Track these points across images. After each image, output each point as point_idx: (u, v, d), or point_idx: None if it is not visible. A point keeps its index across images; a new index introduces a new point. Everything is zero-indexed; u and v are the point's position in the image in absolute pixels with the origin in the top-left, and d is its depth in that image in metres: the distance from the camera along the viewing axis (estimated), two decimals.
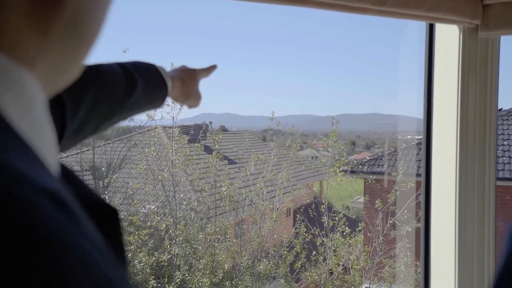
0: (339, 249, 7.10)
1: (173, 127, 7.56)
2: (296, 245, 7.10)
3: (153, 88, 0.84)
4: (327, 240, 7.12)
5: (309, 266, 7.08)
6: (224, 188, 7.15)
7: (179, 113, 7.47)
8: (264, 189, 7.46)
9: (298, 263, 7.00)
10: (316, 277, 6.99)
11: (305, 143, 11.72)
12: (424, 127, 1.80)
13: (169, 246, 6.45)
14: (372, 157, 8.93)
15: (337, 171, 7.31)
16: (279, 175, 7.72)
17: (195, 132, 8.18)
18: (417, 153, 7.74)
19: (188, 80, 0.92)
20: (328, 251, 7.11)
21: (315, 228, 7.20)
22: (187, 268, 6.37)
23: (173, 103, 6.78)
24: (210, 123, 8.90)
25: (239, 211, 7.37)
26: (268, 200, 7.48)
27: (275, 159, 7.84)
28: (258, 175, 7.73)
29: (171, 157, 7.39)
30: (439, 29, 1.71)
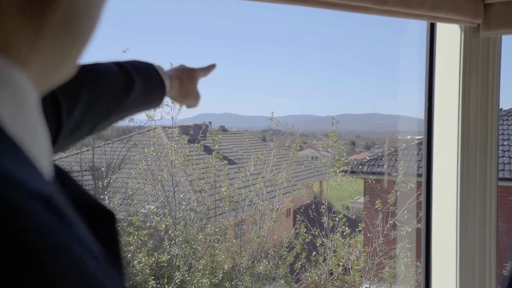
0: (339, 250, 7.10)
1: (172, 127, 7.56)
2: (296, 245, 7.10)
3: (151, 87, 0.82)
4: (327, 240, 7.11)
5: (309, 266, 7.07)
6: (223, 188, 7.14)
7: (179, 113, 7.47)
8: (263, 190, 7.46)
9: (298, 264, 7.00)
10: (316, 278, 6.98)
11: (305, 143, 11.72)
12: (425, 127, 1.79)
13: (168, 246, 6.44)
14: (372, 157, 8.93)
15: (337, 171, 7.30)
16: (278, 175, 7.72)
17: (194, 132, 8.17)
18: (417, 153, 7.74)
19: (186, 79, 0.91)
20: (328, 251, 7.10)
21: (315, 228, 7.20)
22: (187, 268, 6.36)
23: (172, 103, 6.77)
24: (209, 123, 8.90)
25: (239, 211, 7.37)
26: (267, 200, 7.47)
27: (275, 159, 7.83)
28: (257, 175, 7.72)
29: (171, 158, 7.38)
30: (440, 29, 1.70)
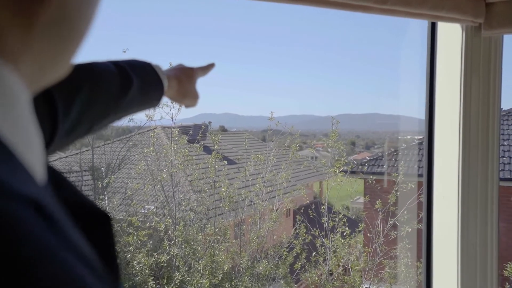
0: (339, 250, 7.09)
1: (172, 127, 7.55)
2: (296, 245, 7.09)
3: (148, 87, 0.81)
4: (327, 241, 7.10)
5: (309, 267, 7.06)
6: (223, 188, 7.13)
7: (178, 113, 7.46)
8: (263, 190, 7.45)
9: (298, 264, 6.99)
10: (316, 278, 6.97)
11: (305, 143, 11.71)
12: (426, 127, 1.78)
13: (168, 247, 6.43)
14: (372, 157, 8.92)
15: (337, 171, 7.29)
16: (278, 176, 7.71)
17: (194, 132, 8.17)
18: (417, 153, 7.73)
19: (185, 79, 0.90)
20: (328, 252, 7.09)
21: (315, 229, 7.19)
22: (187, 269, 6.34)
23: (172, 103, 6.76)
24: (209, 123, 8.89)
25: (239, 211, 7.36)
26: (267, 200, 7.46)
27: (275, 159, 7.82)
28: (257, 175, 7.71)
29: (170, 158, 7.37)
30: (441, 28, 1.69)
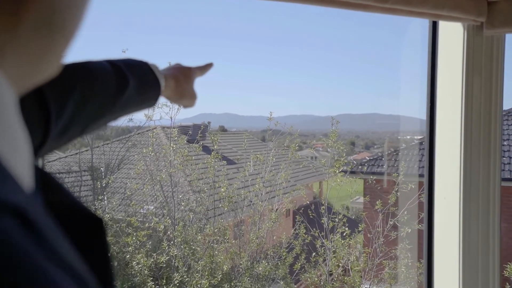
0: (338, 250, 7.07)
1: (171, 128, 7.53)
2: (295, 246, 7.07)
3: (145, 87, 0.80)
4: (327, 241, 7.09)
5: (309, 267, 7.04)
6: (223, 188, 7.12)
7: (178, 113, 7.46)
8: (263, 190, 7.43)
9: (297, 265, 6.97)
10: (315, 279, 6.96)
11: (305, 143, 11.70)
12: (427, 127, 1.77)
13: (167, 247, 6.42)
14: (371, 158, 8.90)
15: (337, 171, 7.28)
16: (278, 176, 7.69)
17: (194, 132, 8.15)
18: (417, 153, 7.72)
19: (182, 78, 0.89)
20: (328, 252, 7.07)
21: (314, 229, 7.17)
22: (186, 269, 6.33)
23: (170, 103, 6.74)
24: (208, 123, 8.88)
25: (238, 212, 7.34)
26: (267, 201, 7.45)
27: (274, 159, 7.81)
28: (257, 175, 7.70)
29: (170, 158, 7.36)
30: (443, 27, 1.67)
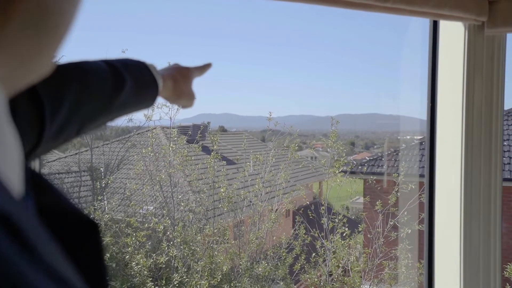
0: (338, 251, 7.06)
1: (170, 128, 7.52)
2: (295, 246, 7.06)
3: (142, 87, 0.78)
4: (327, 242, 7.08)
5: (308, 268, 7.03)
6: (222, 189, 7.10)
7: (177, 114, 7.44)
8: (262, 190, 7.42)
9: (297, 265, 6.96)
10: (315, 279, 6.95)
11: (305, 144, 11.70)
12: (427, 128, 1.76)
13: (167, 248, 6.40)
14: (371, 158, 8.89)
15: (337, 171, 7.27)
16: (277, 176, 7.68)
17: (193, 132, 8.14)
18: (417, 153, 7.71)
19: (180, 78, 0.88)
20: (328, 253, 7.06)
21: (314, 229, 7.16)
22: (185, 270, 6.31)
23: (169, 103, 6.72)
24: (208, 123, 8.87)
25: (238, 212, 7.33)
26: (266, 201, 7.44)
27: (274, 159, 7.80)
28: (256, 175, 7.69)
29: (169, 158, 7.35)
30: (444, 27, 1.66)
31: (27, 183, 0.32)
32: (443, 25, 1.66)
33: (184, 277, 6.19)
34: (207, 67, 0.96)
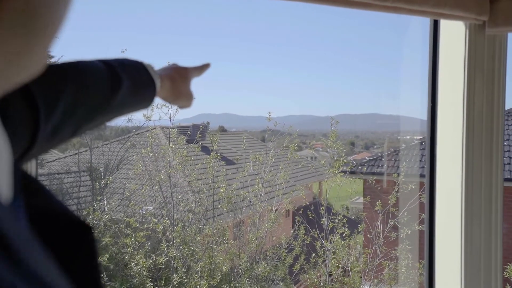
0: (338, 251, 7.05)
1: (170, 128, 7.51)
2: (295, 247, 7.05)
3: (140, 87, 0.77)
4: (327, 242, 7.07)
5: (308, 268, 7.02)
6: (222, 189, 7.09)
7: (177, 114, 7.43)
8: (262, 190, 7.41)
9: (297, 266, 6.95)
10: (315, 280, 6.94)
11: (304, 144, 11.69)
12: (428, 127, 1.75)
13: (166, 248, 6.39)
14: (371, 158, 8.88)
15: (336, 171, 7.26)
16: (277, 176, 7.67)
17: (193, 132, 8.13)
18: (417, 153, 7.70)
19: (179, 79, 0.87)
20: (327, 253, 7.05)
21: (314, 230, 7.15)
22: (185, 270, 6.31)
23: (167, 103, 6.70)
24: (207, 123, 8.86)
25: (237, 212, 7.32)
26: (266, 201, 7.42)
27: (273, 159, 7.79)
28: (256, 176, 7.68)
29: (168, 158, 7.34)
30: (444, 26, 1.65)
31: (17, 185, 0.32)
32: (444, 24, 1.65)
33: (183, 278, 6.18)
34: (205, 67, 0.95)
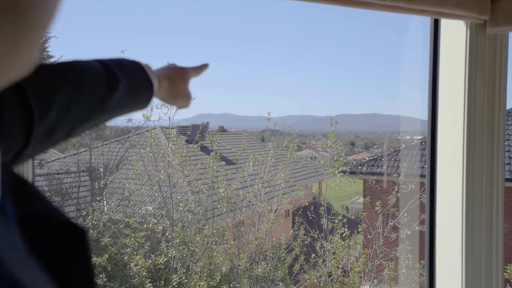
0: (338, 252, 7.04)
1: (169, 128, 7.50)
2: (295, 247, 7.04)
3: (137, 88, 0.76)
4: (326, 243, 7.06)
5: (308, 268, 7.01)
6: (221, 189, 7.08)
7: (176, 114, 7.43)
8: (261, 191, 7.40)
9: (297, 266, 6.94)
10: (315, 280, 6.93)
11: (304, 144, 11.69)
12: (428, 127, 1.74)
13: (166, 248, 6.38)
14: (371, 158, 8.87)
15: (336, 172, 7.25)
16: (276, 176, 7.66)
17: (192, 132, 8.12)
18: (417, 153, 7.69)
19: (177, 79, 0.86)
20: (327, 253, 7.04)
21: (313, 230, 7.14)
22: (184, 271, 6.30)
23: (165, 104, 6.69)
24: (207, 123, 8.85)
25: (237, 212, 7.31)
26: (266, 201, 7.41)
27: (273, 159, 7.78)
28: (255, 176, 7.67)
29: (168, 158, 7.33)
30: (445, 25, 1.64)
31: (4, 186, 0.31)
32: (444, 23, 1.64)
33: (183, 278, 6.17)
34: (204, 67, 0.94)
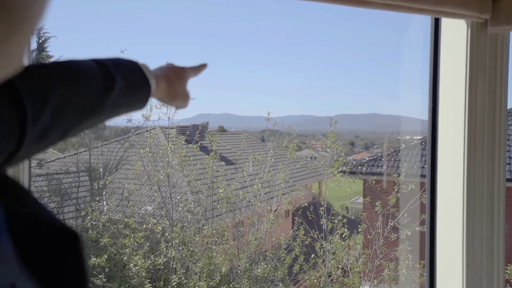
0: (338, 252, 7.03)
1: (169, 128, 7.49)
2: (294, 247, 7.03)
3: (134, 88, 0.75)
4: (326, 243, 7.05)
5: (308, 269, 7.00)
6: (221, 189, 7.07)
7: (176, 114, 7.41)
8: (261, 191, 7.39)
9: (296, 266, 6.93)
10: (314, 280, 6.92)
11: (304, 144, 11.67)
12: (429, 127, 1.73)
13: (165, 249, 6.37)
14: (371, 158, 8.87)
15: (336, 172, 7.24)
16: (276, 176, 7.65)
17: (192, 132, 8.11)
18: (417, 153, 7.68)
19: (175, 79, 0.85)
20: (327, 254, 7.03)
21: (313, 230, 7.13)
22: (184, 271, 6.28)
23: (162, 104, 6.68)
24: (206, 123, 8.84)
25: (237, 212, 7.30)
26: (265, 201, 7.40)
27: (272, 160, 7.77)
28: (255, 176, 7.66)
29: (167, 158, 7.32)
30: (445, 25, 1.63)
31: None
32: (445, 23, 1.63)
33: (182, 279, 6.16)
34: (202, 67, 0.93)
